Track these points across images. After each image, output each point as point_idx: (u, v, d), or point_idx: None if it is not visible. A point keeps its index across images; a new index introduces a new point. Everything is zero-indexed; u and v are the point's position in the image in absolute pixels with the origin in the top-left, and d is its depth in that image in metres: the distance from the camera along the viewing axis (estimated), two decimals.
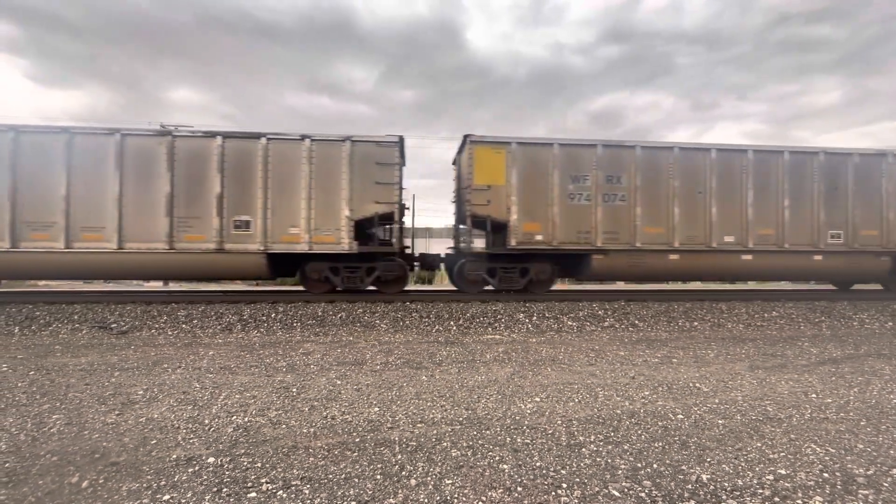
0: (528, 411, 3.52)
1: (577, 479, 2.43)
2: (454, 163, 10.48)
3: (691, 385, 4.30)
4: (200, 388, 4.08)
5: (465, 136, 8.79)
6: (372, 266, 8.72)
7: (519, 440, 2.96)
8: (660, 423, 3.27)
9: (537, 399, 3.84)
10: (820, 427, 3.24)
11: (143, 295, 9.20)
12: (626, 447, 2.85)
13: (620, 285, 15.58)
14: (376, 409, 3.58)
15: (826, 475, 2.49)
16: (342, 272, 8.62)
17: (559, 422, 3.29)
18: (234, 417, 3.34)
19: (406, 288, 9.54)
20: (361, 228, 8.56)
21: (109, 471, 2.50)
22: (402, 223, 9.12)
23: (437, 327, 7.26)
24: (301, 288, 9.33)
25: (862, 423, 3.31)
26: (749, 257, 9.04)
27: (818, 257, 9.17)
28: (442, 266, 10.34)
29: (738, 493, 2.29)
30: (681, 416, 3.42)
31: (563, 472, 2.52)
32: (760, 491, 2.31)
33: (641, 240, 8.76)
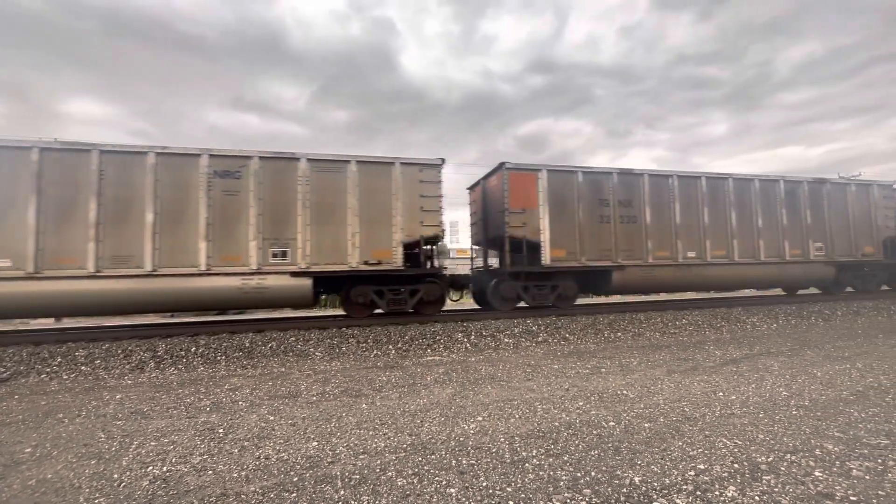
0: (472, 431, 3.54)
1: (523, 496, 2.47)
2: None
3: (619, 393, 4.60)
4: (107, 439, 3.59)
5: None
6: None
7: (464, 462, 2.95)
8: (594, 432, 3.45)
9: (479, 418, 3.87)
10: (728, 422, 3.61)
11: (30, 335, 7.97)
12: (566, 458, 2.96)
13: None
14: (314, 443, 3.39)
15: (736, 466, 2.78)
16: None
17: (502, 439, 3.34)
18: (150, 468, 2.98)
19: None
20: None
21: None
22: None
23: (375, 352, 7.09)
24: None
25: (760, 416, 3.75)
26: None
27: None
28: None
29: (667, 492, 2.47)
30: (612, 423, 3.64)
31: (509, 489, 2.55)
32: (685, 487, 2.52)
33: None
